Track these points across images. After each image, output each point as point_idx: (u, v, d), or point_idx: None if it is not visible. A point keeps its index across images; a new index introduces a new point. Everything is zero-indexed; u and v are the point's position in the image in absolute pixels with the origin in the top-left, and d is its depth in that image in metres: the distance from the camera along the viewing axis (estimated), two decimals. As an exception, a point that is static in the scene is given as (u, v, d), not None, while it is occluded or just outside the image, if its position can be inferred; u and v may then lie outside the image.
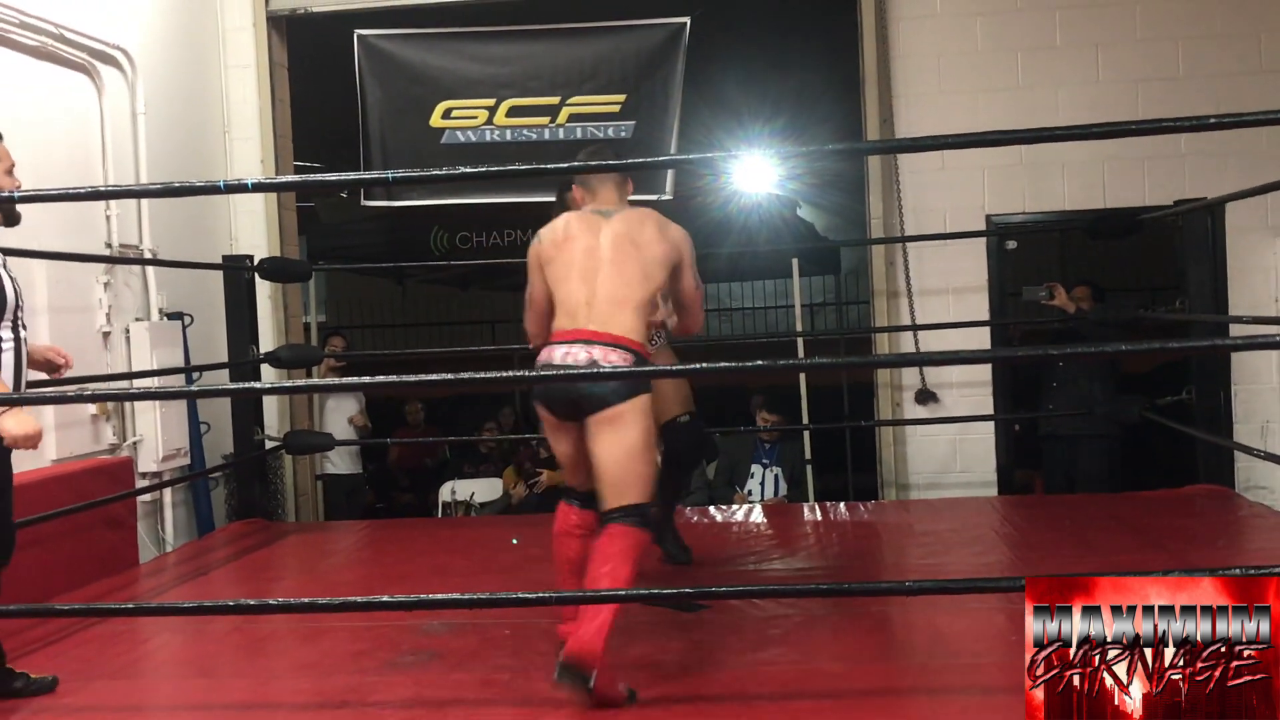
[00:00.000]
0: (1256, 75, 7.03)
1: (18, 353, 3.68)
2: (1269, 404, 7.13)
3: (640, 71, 7.49)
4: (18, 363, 3.68)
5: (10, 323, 3.67)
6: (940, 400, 7.31)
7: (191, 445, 6.71)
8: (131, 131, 6.53)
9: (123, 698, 3.85)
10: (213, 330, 6.96)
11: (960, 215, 7.24)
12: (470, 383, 3.30)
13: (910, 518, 6.22)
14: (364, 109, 7.64)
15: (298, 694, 3.82)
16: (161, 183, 3.91)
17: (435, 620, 4.42)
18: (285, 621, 4.54)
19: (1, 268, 3.70)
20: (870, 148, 7.32)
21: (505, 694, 3.69)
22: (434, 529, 7.20)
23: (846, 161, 8.13)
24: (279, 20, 7.77)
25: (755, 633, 4.17)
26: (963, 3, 7.32)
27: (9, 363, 3.63)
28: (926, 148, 6.38)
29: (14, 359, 3.66)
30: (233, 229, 7.69)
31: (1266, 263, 7.11)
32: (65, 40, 6.01)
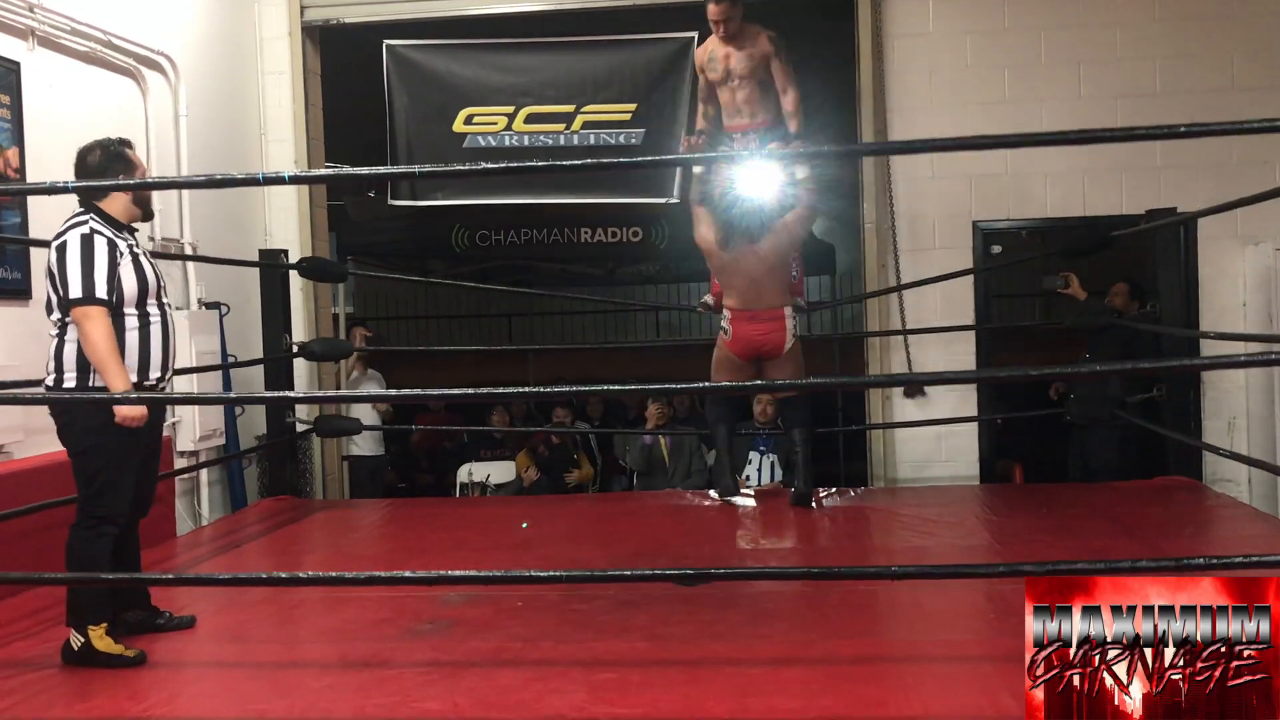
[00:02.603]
0: (1230, 93, 7.05)
1: (163, 327, 4.00)
2: (1236, 401, 7.16)
3: (650, 82, 7.54)
4: (164, 336, 4.00)
5: (155, 302, 3.97)
6: (928, 395, 7.35)
7: (227, 427, 6.76)
8: (174, 132, 6.58)
9: (163, 656, 3.90)
10: (248, 319, 7.01)
11: (948, 220, 7.28)
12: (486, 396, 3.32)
13: (897, 503, 6.25)
14: (391, 114, 7.69)
15: (324, 656, 3.88)
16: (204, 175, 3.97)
17: (452, 592, 4.46)
18: (312, 591, 4.59)
19: (142, 254, 4.00)
20: (865, 149, 7.40)
21: (518, 658, 3.73)
22: (452, 507, 7.25)
23: (844, 169, 8.16)
24: (313, 30, 7.82)
25: (751, 607, 4.20)
26: (954, 22, 7.35)
27: (156, 335, 3.96)
28: (917, 150, 6.42)
29: (160, 332, 3.98)
30: (267, 225, 7.74)
31: (1235, 269, 7.14)
32: (113, 46, 6.06)
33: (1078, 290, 6.83)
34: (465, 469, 8.57)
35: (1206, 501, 6.09)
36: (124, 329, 3.87)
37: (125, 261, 3.89)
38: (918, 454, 7.38)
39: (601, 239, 11.98)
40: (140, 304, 3.92)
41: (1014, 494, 6.83)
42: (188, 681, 3.75)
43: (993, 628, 3.89)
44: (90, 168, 3.98)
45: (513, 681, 3.53)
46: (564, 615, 4.18)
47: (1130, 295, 6.99)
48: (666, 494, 6.95)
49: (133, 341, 3.89)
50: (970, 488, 6.94)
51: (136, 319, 3.91)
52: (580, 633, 3.99)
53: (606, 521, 6.06)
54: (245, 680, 3.74)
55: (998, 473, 7.51)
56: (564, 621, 4.11)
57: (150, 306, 3.95)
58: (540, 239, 11.98)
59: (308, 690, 3.54)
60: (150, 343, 3.94)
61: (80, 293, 3.76)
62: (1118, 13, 7.22)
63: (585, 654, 3.77)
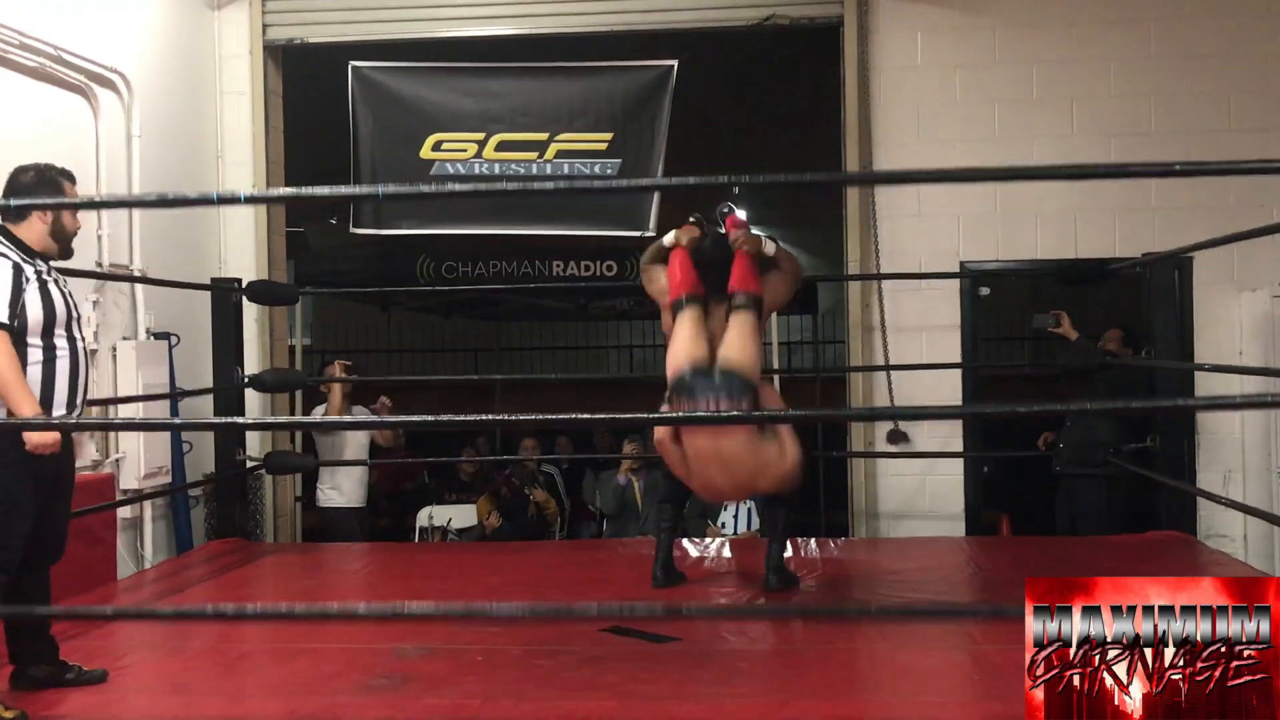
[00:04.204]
0: (1225, 134, 7.11)
1: (72, 361, 3.93)
2: (1231, 454, 7.17)
3: (628, 111, 7.54)
4: (73, 371, 3.92)
5: (64, 333, 3.91)
6: (911, 440, 7.34)
7: (173, 464, 6.67)
8: (126, 154, 6.52)
9: (97, 711, 3.81)
10: (198, 350, 6.93)
11: (935, 260, 7.28)
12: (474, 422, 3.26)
13: (879, 556, 6.22)
14: (356, 139, 7.66)
15: (270, 713, 3.80)
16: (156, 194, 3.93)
17: (409, 645, 4.39)
18: (260, 641, 4.51)
19: (52, 282, 3.91)
20: (846, 178, 7.39)
21: (476, 717, 3.67)
22: (411, 553, 7.16)
23: (826, 205, 8.19)
24: (275, 49, 7.80)
25: (724, 666, 4.15)
26: (943, 55, 7.39)
27: (63, 370, 3.88)
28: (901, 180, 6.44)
29: (68, 367, 3.91)
30: (222, 252, 7.68)
31: (1231, 315, 7.18)
32: (63, 62, 6.01)
33: (1068, 329, 6.82)
34: (426, 512, 8.47)
35: (1200, 558, 6.07)
36: (26, 361, 3.79)
37: (31, 288, 3.81)
38: (901, 501, 7.36)
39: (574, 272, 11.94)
40: (46, 334, 3.85)
41: (1001, 546, 6.81)
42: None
43: (977, 690, 3.86)
44: (17, 188, 3.94)
45: (470, 742, 3.47)
46: (527, 671, 4.11)
47: (1124, 342, 7.02)
48: (638, 542, 6.89)
49: (35, 375, 3.81)
50: (956, 540, 6.91)
51: (41, 350, 3.84)
52: (544, 690, 3.92)
53: (575, 570, 5.99)
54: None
55: (984, 523, 7.49)
56: (526, 678, 4.05)
57: (58, 339, 3.88)
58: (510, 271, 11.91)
59: (251, 749, 3.47)
60: (56, 377, 3.86)
61: None
62: (1112, 48, 7.28)
63: (549, 713, 3.71)
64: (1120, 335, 7.04)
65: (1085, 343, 6.95)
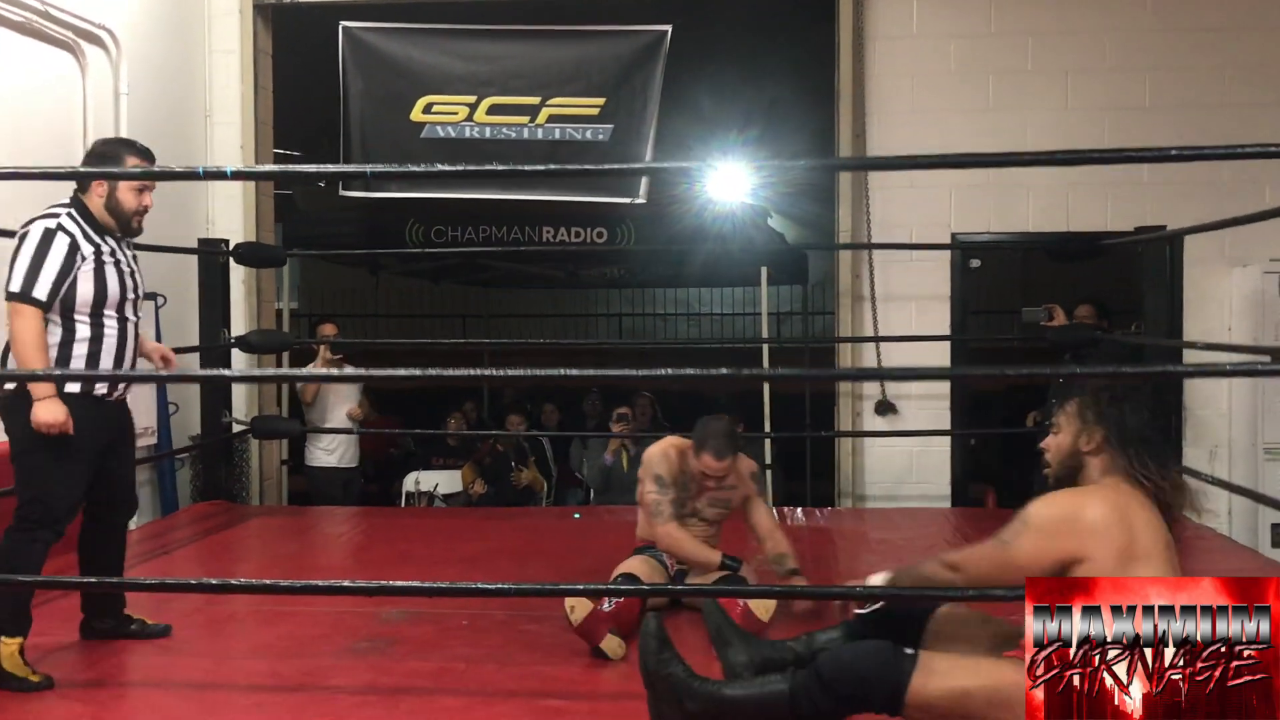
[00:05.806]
0: (1221, 109, 7.11)
1: (119, 341, 3.92)
2: (1218, 429, 7.22)
3: (620, 76, 7.51)
4: (119, 350, 3.92)
5: (114, 313, 3.90)
6: (899, 412, 7.37)
7: (159, 426, 6.67)
8: (114, 111, 6.48)
9: (82, 672, 3.83)
10: (185, 312, 6.92)
11: (926, 232, 7.29)
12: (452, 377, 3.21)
13: (865, 526, 6.26)
14: (345, 99, 7.62)
15: (254, 675, 3.82)
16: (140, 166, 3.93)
17: (394, 608, 4.42)
18: (246, 604, 4.54)
19: (112, 263, 3.90)
20: (841, 164, 7.35)
21: (459, 684, 3.69)
22: (396, 518, 7.19)
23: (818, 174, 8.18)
24: (265, 8, 7.74)
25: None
26: (938, 24, 7.37)
27: (109, 349, 3.88)
28: (895, 166, 6.42)
29: (114, 345, 3.90)
30: (210, 213, 7.65)
31: (1222, 291, 7.20)
32: (50, 17, 5.96)
33: (1062, 323, 6.79)
34: (412, 477, 8.48)
35: (1185, 532, 6.11)
36: (74, 337, 3.82)
37: (86, 267, 3.81)
38: (888, 474, 7.40)
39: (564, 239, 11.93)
40: (95, 313, 3.86)
41: (985, 518, 6.84)
42: (105, 700, 3.67)
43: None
44: (89, 156, 4.01)
45: (453, 705, 3.50)
46: (510, 636, 4.15)
47: (1098, 316, 7.00)
48: (625, 510, 6.90)
49: (81, 351, 3.84)
50: (941, 510, 6.96)
51: (89, 328, 3.85)
52: (527, 655, 3.96)
53: (560, 538, 6.02)
54: (167, 698, 3.69)
55: (971, 496, 7.54)
56: (510, 642, 4.08)
57: (107, 318, 3.89)
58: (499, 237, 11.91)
59: (235, 710, 3.50)
60: (101, 355, 3.87)
61: (19, 288, 3.72)
62: (1109, 18, 7.27)
63: (532, 678, 3.74)
64: (1093, 310, 6.99)
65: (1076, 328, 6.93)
